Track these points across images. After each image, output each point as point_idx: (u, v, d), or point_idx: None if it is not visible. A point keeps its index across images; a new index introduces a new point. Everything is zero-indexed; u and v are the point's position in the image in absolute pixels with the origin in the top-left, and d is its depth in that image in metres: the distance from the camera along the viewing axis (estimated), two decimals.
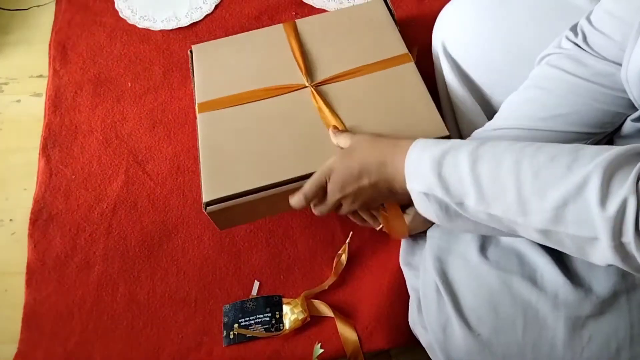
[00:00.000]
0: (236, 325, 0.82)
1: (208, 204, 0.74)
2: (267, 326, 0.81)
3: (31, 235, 0.91)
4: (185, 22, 1.11)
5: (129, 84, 1.05)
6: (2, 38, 1.14)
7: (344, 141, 0.68)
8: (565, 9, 0.67)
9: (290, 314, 0.81)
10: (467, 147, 0.51)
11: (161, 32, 1.10)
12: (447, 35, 0.81)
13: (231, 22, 1.11)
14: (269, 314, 0.82)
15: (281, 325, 0.81)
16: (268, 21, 1.10)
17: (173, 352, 0.81)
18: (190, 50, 0.93)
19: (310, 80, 0.83)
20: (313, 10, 1.11)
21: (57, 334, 0.83)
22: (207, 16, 1.12)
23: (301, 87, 0.83)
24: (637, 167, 0.41)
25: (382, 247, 0.85)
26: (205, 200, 0.74)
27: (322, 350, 0.79)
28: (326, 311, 0.81)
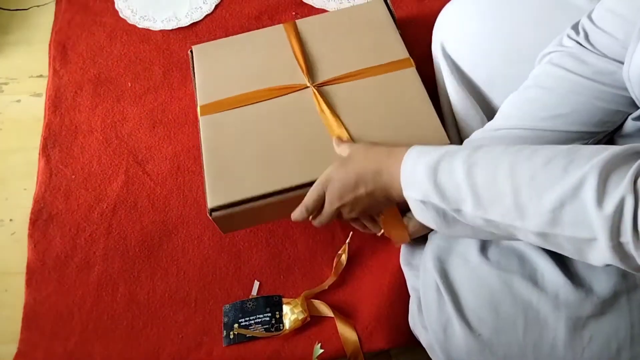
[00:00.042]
0: (236, 325, 0.81)
1: (213, 210, 0.74)
2: (267, 326, 0.81)
3: (31, 235, 0.91)
4: (185, 22, 1.11)
5: (129, 84, 1.05)
6: (2, 38, 1.14)
7: (345, 151, 0.68)
8: (565, 9, 0.67)
9: (290, 314, 0.81)
10: (462, 153, 0.51)
11: (161, 32, 1.10)
12: (447, 35, 0.81)
13: (231, 22, 1.11)
14: (269, 314, 0.82)
15: (281, 325, 0.81)
16: (268, 21, 1.10)
17: (173, 352, 0.81)
18: (190, 50, 0.93)
19: (311, 80, 0.83)
20: (313, 10, 1.11)
21: (57, 334, 0.83)
22: (207, 16, 1.11)
23: (303, 88, 0.83)
24: (635, 167, 0.41)
25: (382, 247, 0.85)
26: (210, 206, 0.74)
27: (322, 350, 0.79)
28: (326, 311, 0.81)
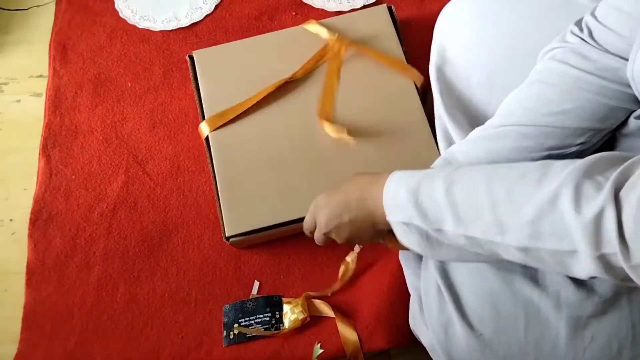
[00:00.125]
0: (236, 325, 0.81)
1: (229, 237, 0.80)
2: (267, 326, 0.81)
3: (31, 235, 0.91)
4: (185, 23, 1.10)
5: (129, 84, 1.05)
6: (2, 38, 1.14)
7: None
8: (567, 7, 0.67)
9: (290, 314, 0.81)
10: (442, 173, 0.52)
11: (161, 33, 1.10)
12: (447, 35, 0.81)
13: (231, 23, 1.10)
14: (269, 314, 0.82)
15: (281, 325, 0.81)
16: (268, 21, 1.10)
17: (173, 352, 0.81)
18: (189, 55, 0.93)
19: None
20: (313, 10, 1.11)
21: (57, 334, 0.83)
22: (207, 16, 1.11)
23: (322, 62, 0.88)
24: (614, 176, 0.41)
25: (382, 247, 0.84)
26: (227, 235, 0.80)
27: (322, 350, 0.79)
28: (327, 311, 0.81)
